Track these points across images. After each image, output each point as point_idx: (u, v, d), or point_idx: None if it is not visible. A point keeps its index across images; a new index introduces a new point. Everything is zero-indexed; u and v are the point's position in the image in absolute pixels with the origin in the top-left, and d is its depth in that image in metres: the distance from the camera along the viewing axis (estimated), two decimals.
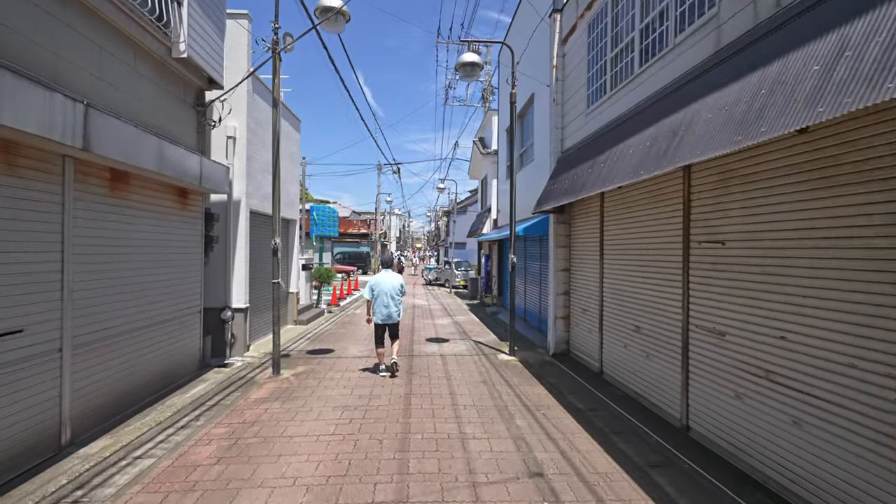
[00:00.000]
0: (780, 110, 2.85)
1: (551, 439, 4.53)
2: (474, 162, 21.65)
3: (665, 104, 4.54)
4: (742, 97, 3.30)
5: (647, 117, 4.83)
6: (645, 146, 4.45)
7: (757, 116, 3.05)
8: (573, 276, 7.95)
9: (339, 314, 13.53)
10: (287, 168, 10.49)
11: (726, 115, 3.29)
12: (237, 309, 7.94)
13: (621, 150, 5.11)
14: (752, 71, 3.34)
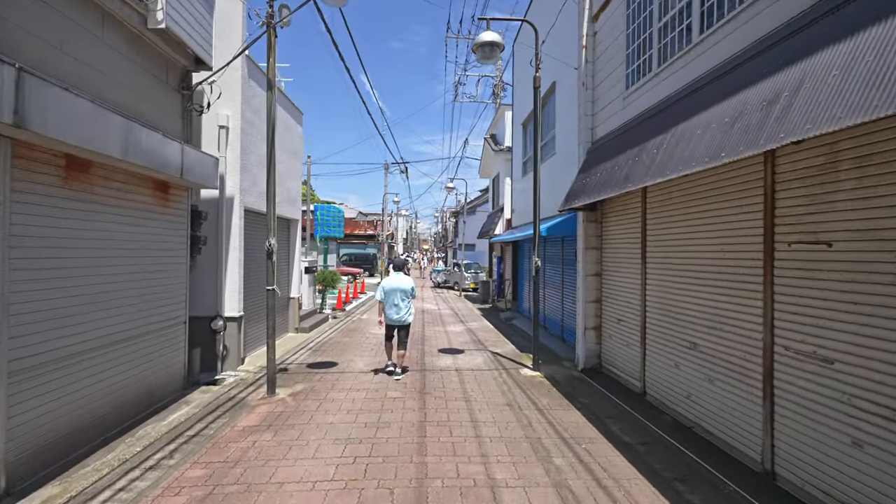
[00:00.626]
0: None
1: (602, 487, 3.65)
2: (485, 160, 20.78)
3: (749, 71, 3.65)
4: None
5: (717, 91, 3.95)
6: (722, 123, 3.56)
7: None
8: (606, 282, 7.07)
9: (345, 320, 12.71)
10: (287, 163, 9.69)
11: (873, 67, 2.40)
12: (230, 318, 7.13)
13: (682, 132, 4.22)
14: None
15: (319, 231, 14.49)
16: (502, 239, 14.15)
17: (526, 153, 13.01)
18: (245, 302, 7.54)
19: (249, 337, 7.95)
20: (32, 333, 3.61)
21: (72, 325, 4.03)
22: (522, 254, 14.24)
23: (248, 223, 7.73)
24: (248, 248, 7.62)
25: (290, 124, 9.81)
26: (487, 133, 20.33)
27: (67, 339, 3.99)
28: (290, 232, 10.36)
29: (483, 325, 12.26)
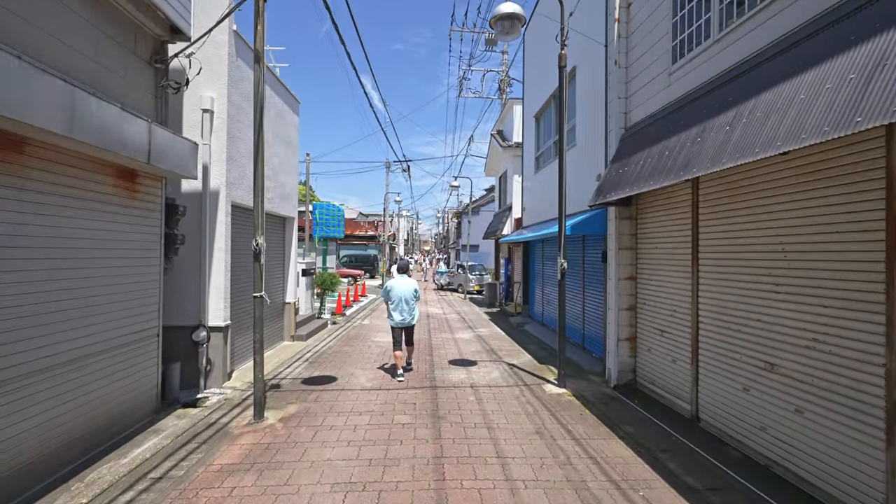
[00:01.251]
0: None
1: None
2: (492, 157, 19.95)
3: (868, 20, 2.79)
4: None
5: (828, 47, 3.08)
6: (843, 83, 2.70)
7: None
8: (642, 287, 6.20)
9: (345, 326, 11.85)
10: (282, 155, 8.84)
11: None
12: (215, 328, 6.27)
13: (770, 103, 3.36)
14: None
15: (318, 231, 13.63)
16: (512, 239, 13.30)
17: (539, 147, 12.16)
18: (232, 309, 6.68)
19: (238, 348, 7.09)
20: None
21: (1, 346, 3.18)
22: (533, 255, 13.39)
23: (237, 221, 6.87)
24: (236, 249, 6.77)
25: (284, 112, 8.96)
26: (494, 129, 19.49)
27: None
28: (284, 231, 9.51)
29: (494, 332, 11.39)
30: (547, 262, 11.64)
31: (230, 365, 6.69)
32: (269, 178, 8.13)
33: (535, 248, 13.04)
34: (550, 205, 10.44)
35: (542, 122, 11.88)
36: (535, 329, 11.64)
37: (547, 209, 10.88)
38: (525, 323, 12.63)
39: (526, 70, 13.70)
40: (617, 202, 6.23)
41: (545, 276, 11.84)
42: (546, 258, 11.68)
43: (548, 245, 11.54)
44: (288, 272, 9.50)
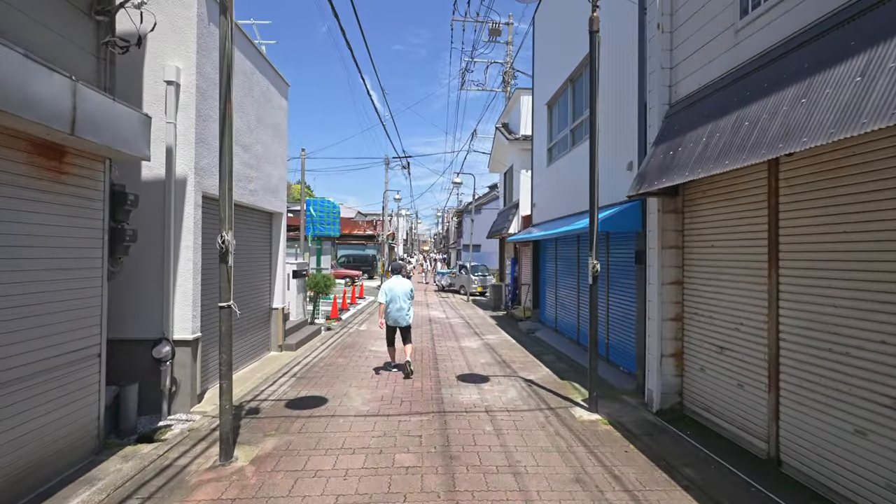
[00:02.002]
0: None
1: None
2: (496, 152, 18.93)
3: None
4: None
5: None
6: None
7: None
8: (692, 293, 5.20)
9: (340, 332, 10.82)
10: (268, 143, 7.82)
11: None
12: (181, 341, 5.25)
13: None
14: None
15: (312, 229, 12.62)
16: (521, 238, 12.29)
17: (552, 137, 11.15)
18: (204, 319, 5.66)
19: (211, 364, 6.07)
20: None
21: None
22: (545, 255, 12.38)
23: (209, 215, 5.85)
24: (208, 248, 5.74)
25: (270, 95, 7.94)
26: (499, 122, 18.48)
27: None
28: (271, 229, 8.48)
29: (503, 339, 10.38)
30: (562, 263, 10.63)
31: (201, 384, 5.67)
32: (252, 166, 7.11)
33: (547, 248, 12.04)
34: (568, 200, 9.44)
35: (556, 110, 10.87)
36: (548, 336, 10.63)
37: (563, 205, 9.88)
38: (536, 329, 11.61)
39: (536, 56, 12.69)
40: (660, 192, 5.22)
41: (559, 277, 10.83)
42: (561, 258, 10.68)
43: (563, 244, 10.53)
44: (275, 274, 8.47)
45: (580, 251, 9.29)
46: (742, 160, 3.45)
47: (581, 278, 9.22)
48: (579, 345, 9.31)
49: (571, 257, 9.87)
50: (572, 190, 9.18)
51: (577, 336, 9.44)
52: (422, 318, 13.60)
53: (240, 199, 6.69)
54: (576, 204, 8.90)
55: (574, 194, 9.02)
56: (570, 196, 9.42)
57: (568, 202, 9.57)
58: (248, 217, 7.39)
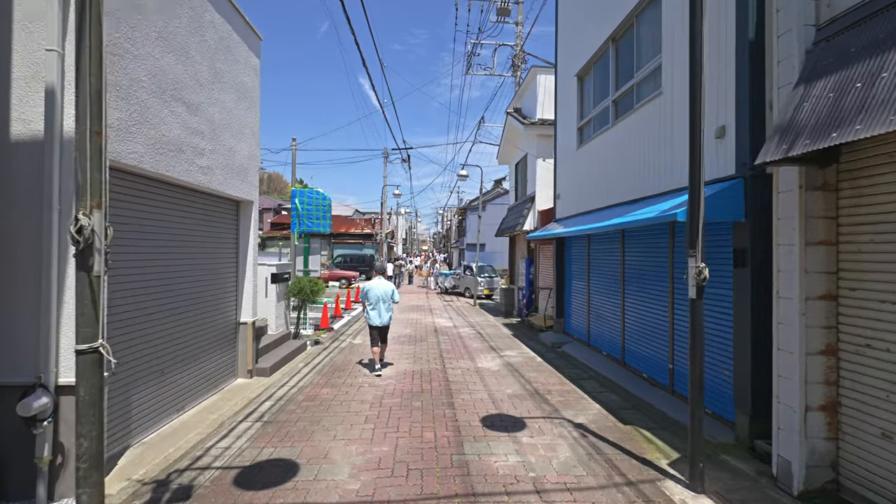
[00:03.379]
0: None
1: None
2: (507, 141, 17.12)
3: None
4: None
5: None
6: None
7: None
8: (855, 313, 3.38)
9: (330, 347, 8.99)
10: (229, 106, 5.98)
11: None
12: (70, 387, 3.42)
13: None
14: None
15: (298, 225, 10.78)
16: (545, 235, 10.47)
17: (585, 113, 9.34)
18: (117, 347, 3.83)
19: (135, 408, 4.23)
20: None
21: None
22: (570, 254, 10.57)
23: (130, 195, 4.02)
24: (121, 244, 3.90)
25: (233, 45, 6.09)
26: (510, 107, 16.67)
27: None
28: (238, 222, 6.65)
29: (526, 357, 8.55)
30: (598, 265, 8.81)
31: (109, 445, 3.84)
32: (202, 135, 5.27)
33: (574, 247, 10.22)
34: (612, 186, 7.62)
35: (591, 80, 9.05)
36: (579, 352, 8.81)
37: (603, 192, 8.07)
38: (562, 342, 9.79)
39: (561, 22, 10.86)
40: (802, 159, 3.40)
41: (594, 281, 9.01)
42: (597, 259, 8.86)
43: (599, 242, 8.71)
44: (243, 280, 6.64)
45: (627, 250, 7.47)
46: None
47: (631, 283, 7.39)
48: (625, 365, 7.49)
49: (612, 258, 8.05)
50: (622, 172, 7.37)
51: (622, 354, 7.62)
52: (426, 328, 11.76)
53: (183, 177, 4.85)
54: (630, 189, 7.09)
55: (627, 177, 7.21)
56: (616, 181, 7.61)
57: (612, 189, 7.76)
58: (199, 204, 5.56)
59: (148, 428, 4.48)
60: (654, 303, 6.56)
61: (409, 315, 14.62)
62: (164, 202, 4.74)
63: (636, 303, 7.12)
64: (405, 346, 9.51)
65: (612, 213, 7.18)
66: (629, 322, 7.38)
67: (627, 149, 7.10)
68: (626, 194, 7.05)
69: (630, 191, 6.94)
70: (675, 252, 5.97)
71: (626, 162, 7.15)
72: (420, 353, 8.72)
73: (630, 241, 7.34)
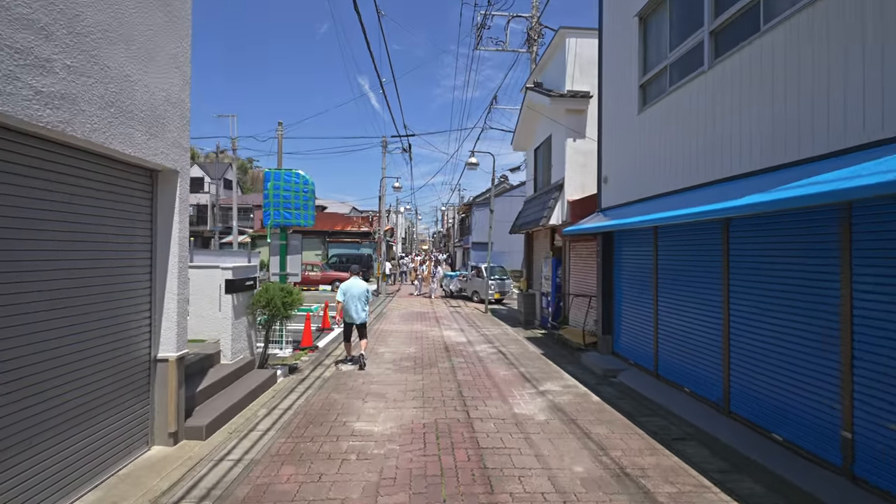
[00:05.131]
0: None
1: None
2: (524, 122, 14.78)
3: None
4: None
5: None
6: None
7: None
8: None
9: (311, 377, 6.63)
10: (124, 6, 3.59)
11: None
12: None
13: None
14: None
15: (272, 215, 8.43)
16: (583, 229, 8.12)
17: (650, 66, 7.01)
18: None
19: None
20: None
21: None
22: (622, 254, 8.24)
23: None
24: None
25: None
26: (528, 82, 14.32)
27: None
28: (154, 203, 4.28)
29: (577, 394, 6.22)
30: (672, 265, 6.48)
31: None
32: (51, 37, 2.90)
33: (629, 244, 7.89)
34: (704, 156, 5.29)
35: (662, 15, 6.70)
36: (644, 385, 6.48)
37: (691, 166, 5.73)
38: (615, 369, 7.45)
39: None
40: None
41: (664, 288, 6.68)
42: (671, 258, 6.52)
43: (673, 237, 6.38)
44: (162, 292, 4.27)
45: (734, 246, 5.14)
46: None
47: (743, 293, 5.05)
48: (730, 415, 5.16)
49: (703, 257, 5.72)
50: (737, 130, 5.04)
51: (724, 398, 5.28)
52: (434, 345, 9.41)
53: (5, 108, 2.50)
54: (761, 151, 4.75)
55: (753, 134, 4.87)
56: (721, 145, 5.28)
57: (712, 157, 5.43)
58: (66, 170, 3.21)
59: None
60: (796, 323, 4.23)
61: (412, 326, 12.27)
62: None
63: (755, 322, 4.79)
64: (409, 374, 7.17)
65: (715, 192, 4.84)
66: (740, 351, 5.05)
67: (748, 94, 4.76)
68: (752, 160, 4.69)
69: (761, 154, 4.59)
70: (855, 243, 3.65)
71: (745, 114, 4.81)
72: (431, 388, 6.38)
73: (744, 234, 5.00)
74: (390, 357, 8.38)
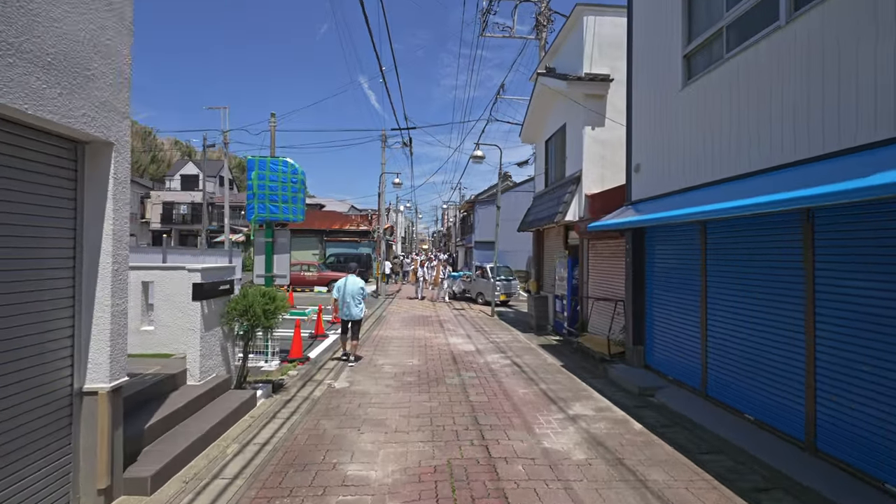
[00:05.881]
0: None
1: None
2: (535, 112, 13.74)
3: None
4: None
5: None
6: None
7: None
8: None
9: (297, 398, 5.59)
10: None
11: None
12: None
13: None
14: None
15: (257, 209, 7.39)
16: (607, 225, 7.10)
17: (698, 31, 5.97)
18: None
19: None
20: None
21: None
22: (653, 253, 7.22)
23: None
24: None
25: None
26: (540, 68, 13.29)
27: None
28: (80, 182, 3.23)
29: (615, 420, 5.19)
30: (726, 266, 5.44)
31: None
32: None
33: (665, 242, 6.87)
34: (765, 137, 4.24)
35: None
36: (692, 408, 5.45)
37: (756, 147, 4.69)
38: (652, 387, 6.43)
39: None
40: None
41: (716, 293, 5.65)
42: (723, 256, 5.48)
43: (722, 231, 5.35)
44: (91, 301, 3.22)
45: (818, 240, 4.11)
46: None
47: (831, 299, 4.03)
48: (817, 454, 4.13)
49: (774, 256, 4.69)
50: (814, 96, 4.01)
51: (807, 432, 4.25)
52: (440, 355, 8.36)
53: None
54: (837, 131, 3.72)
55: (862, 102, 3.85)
56: (800, 117, 4.25)
57: (790, 136, 4.40)
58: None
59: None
60: None
61: (415, 331, 11.24)
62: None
63: (856, 338, 3.76)
64: (413, 393, 6.14)
65: (796, 176, 3.81)
66: (831, 374, 4.02)
67: (848, 45, 3.73)
68: (859, 131, 3.65)
69: (874, 123, 3.55)
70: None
71: (848, 71, 3.78)
72: (440, 413, 5.35)
73: (838, 227, 3.97)
74: (391, 370, 7.34)
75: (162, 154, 63.86)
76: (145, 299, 5.80)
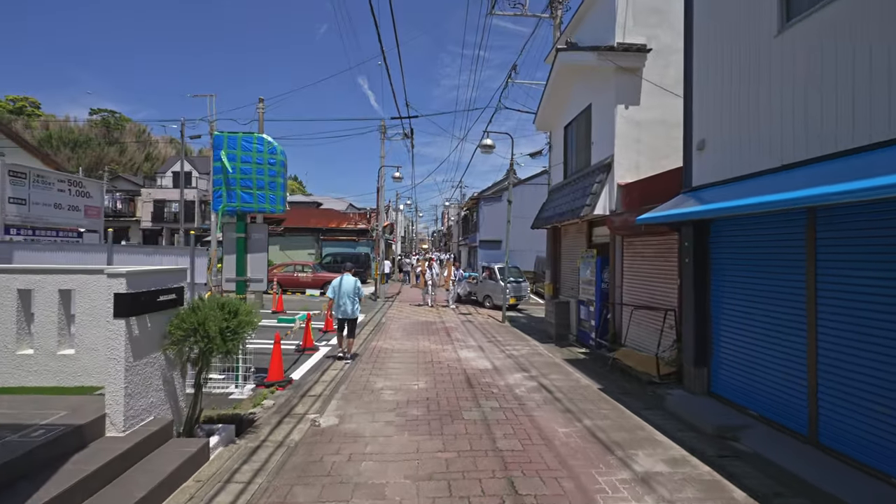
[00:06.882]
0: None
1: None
2: (553, 93, 12.25)
3: None
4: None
5: None
6: None
7: None
8: None
9: (267, 445, 4.11)
10: None
11: None
12: None
13: None
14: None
15: (226, 197, 5.92)
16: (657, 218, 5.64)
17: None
18: None
19: None
20: None
21: None
22: (721, 252, 5.75)
23: None
24: None
25: None
26: (559, 43, 11.80)
27: None
28: None
29: (702, 480, 3.71)
30: (845, 269, 3.95)
31: None
32: None
33: (742, 239, 5.39)
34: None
35: None
36: (806, 467, 3.97)
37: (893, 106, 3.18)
38: (733, 427, 4.95)
39: None
40: None
41: (829, 305, 4.17)
42: (843, 259, 3.99)
43: (848, 221, 3.87)
44: None
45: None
46: None
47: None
48: None
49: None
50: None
51: None
52: (451, 375, 6.85)
53: None
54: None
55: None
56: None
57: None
58: None
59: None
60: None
61: (418, 342, 9.76)
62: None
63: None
64: (422, 436, 4.65)
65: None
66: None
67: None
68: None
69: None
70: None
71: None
72: (460, 476, 3.85)
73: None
74: (391, 398, 5.87)
75: (156, 152, 62.37)
76: (65, 312, 4.32)
